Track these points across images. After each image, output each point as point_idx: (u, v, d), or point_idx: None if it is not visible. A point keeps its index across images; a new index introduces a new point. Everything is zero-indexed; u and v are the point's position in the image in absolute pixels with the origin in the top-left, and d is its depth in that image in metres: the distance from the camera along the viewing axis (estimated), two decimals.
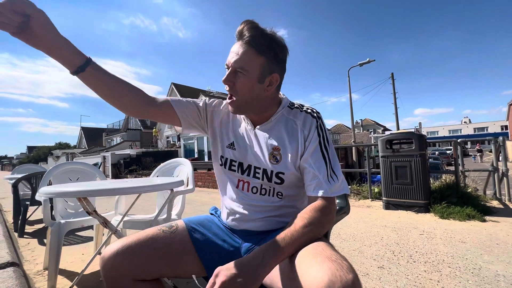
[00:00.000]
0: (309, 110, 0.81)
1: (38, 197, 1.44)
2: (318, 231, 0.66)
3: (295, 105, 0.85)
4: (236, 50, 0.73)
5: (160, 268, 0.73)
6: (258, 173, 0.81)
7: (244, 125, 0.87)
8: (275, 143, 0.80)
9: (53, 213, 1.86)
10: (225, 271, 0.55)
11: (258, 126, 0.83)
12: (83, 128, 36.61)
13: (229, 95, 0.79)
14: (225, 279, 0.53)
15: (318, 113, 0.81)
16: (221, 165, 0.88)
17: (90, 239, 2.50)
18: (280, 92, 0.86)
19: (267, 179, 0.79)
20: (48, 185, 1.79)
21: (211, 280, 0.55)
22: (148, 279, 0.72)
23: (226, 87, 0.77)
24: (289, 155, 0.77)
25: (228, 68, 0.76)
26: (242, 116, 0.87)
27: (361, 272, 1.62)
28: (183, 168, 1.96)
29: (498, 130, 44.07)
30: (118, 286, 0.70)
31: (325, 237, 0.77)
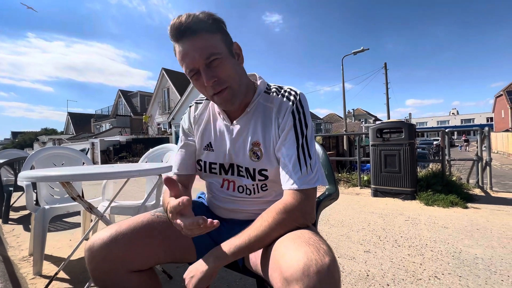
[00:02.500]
0: (286, 93, 0.72)
1: (19, 182, 1.38)
2: (284, 231, 0.60)
3: (272, 89, 0.75)
4: (192, 47, 0.63)
5: (157, 255, 0.69)
6: (242, 171, 0.75)
7: (220, 121, 0.78)
8: (254, 138, 0.73)
9: (37, 199, 1.81)
10: (187, 273, 0.61)
11: (234, 121, 0.75)
12: (70, 114, 35.40)
13: (217, 91, 0.67)
14: (186, 279, 0.60)
15: (297, 94, 0.71)
16: (200, 170, 0.82)
17: (78, 225, 2.46)
18: (256, 74, 0.78)
19: (251, 177, 0.74)
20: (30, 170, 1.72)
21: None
22: (144, 268, 0.68)
23: (209, 88, 0.66)
24: (270, 149, 0.71)
25: (196, 72, 0.65)
26: (217, 112, 0.80)
27: (348, 256, 1.66)
28: (172, 154, 1.92)
29: (484, 121, 45.44)
30: (110, 280, 0.64)
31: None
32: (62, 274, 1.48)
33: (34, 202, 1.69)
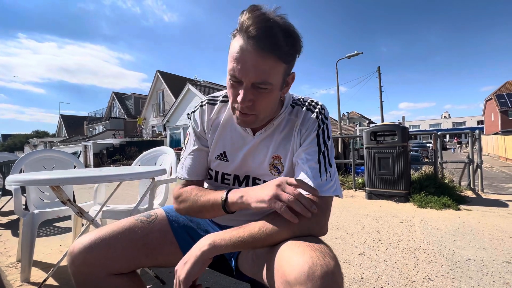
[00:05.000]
0: (310, 107, 0.72)
1: (7, 186, 1.34)
2: (290, 236, 0.56)
3: (298, 102, 0.75)
4: (253, 60, 0.57)
5: (138, 259, 0.69)
6: (259, 184, 0.74)
7: (240, 131, 0.75)
8: (276, 151, 0.72)
9: (27, 203, 1.76)
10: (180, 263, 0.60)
11: (257, 133, 0.73)
12: (62, 116, 34.80)
13: (244, 112, 0.64)
14: (178, 267, 0.59)
15: (322, 108, 0.72)
16: (209, 178, 0.79)
17: (68, 229, 2.41)
18: None
19: None
20: (19, 173, 1.68)
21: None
22: (125, 272, 0.68)
23: (238, 105, 0.63)
24: (291, 162, 0.71)
25: (237, 81, 0.61)
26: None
27: (342, 259, 1.66)
28: (166, 157, 1.90)
29: (475, 124, 46.46)
30: (91, 282, 0.64)
31: None
32: (51, 281, 1.44)
33: (23, 207, 1.65)
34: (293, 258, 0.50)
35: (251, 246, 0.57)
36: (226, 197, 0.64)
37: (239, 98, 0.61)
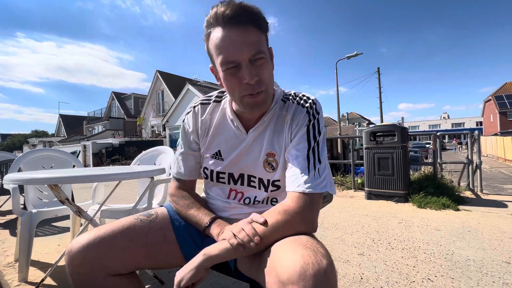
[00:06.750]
0: (301, 101, 0.72)
1: (5, 185, 1.34)
2: (281, 236, 0.58)
3: (290, 97, 0.74)
4: (241, 38, 0.59)
5: (137, 260, 0.68)
6: (254, 181, 0.74)
7: (233, 129, 0.75)
8: (269, 149, 0.71)
9: (25, 203, 1.76)
10: (179, 272, 0.60)
11: (250, 130, 0.73)
12: (61, 116, 34.71)
13: (255, 91, 0.62)
14: (175, 280, 0.60)
15: (313, 102, 0.71)
16: (206, 178, 0.79)
17: (67, 229, 2.40)
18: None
19: (264, 188, 0.73)
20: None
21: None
22: (123, 272, 0.67)
23: (246, 87, 0.62)
24: (284, 159, 0.70)
25: (235, 66, 0.61)
26: (229, 119, 0.75)
27: (342, 259, 1.66)
28: (165, 156, 1.89)
29: (474, 125, 46.58)
30: (89, 283, 0.63)
31: None
32: (49, 281, 1.43)
33: (22, 206, 1.64)
34: (285, 258, 0.50)
35: (243, 253, 0.59)
36: (210, 225, 0.69)
37: (247, 78, 0.60)
